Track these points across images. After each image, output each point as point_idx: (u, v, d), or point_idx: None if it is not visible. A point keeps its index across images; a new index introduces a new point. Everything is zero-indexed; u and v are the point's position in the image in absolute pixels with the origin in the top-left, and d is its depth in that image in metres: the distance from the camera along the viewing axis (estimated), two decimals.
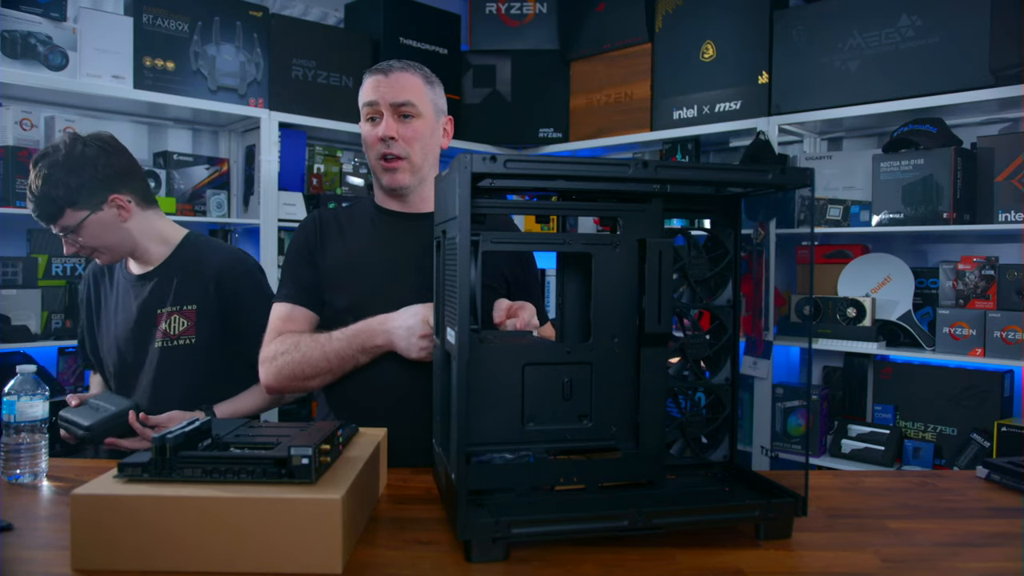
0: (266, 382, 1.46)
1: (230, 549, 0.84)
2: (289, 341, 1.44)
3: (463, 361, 0.89)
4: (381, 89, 1.48)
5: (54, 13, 2.39)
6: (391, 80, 1.48)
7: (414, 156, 1.48)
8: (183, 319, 1.69)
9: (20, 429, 1.18)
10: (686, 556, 0.92)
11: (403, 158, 1.48)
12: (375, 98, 1.48)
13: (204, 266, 1.70)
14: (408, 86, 1.48)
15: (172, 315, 1.68)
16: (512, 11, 3.40)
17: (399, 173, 1.49)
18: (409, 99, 1.47)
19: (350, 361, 1.42)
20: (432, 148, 1.52)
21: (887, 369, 2.61)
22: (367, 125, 1.50)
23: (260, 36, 2.73)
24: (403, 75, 1.49)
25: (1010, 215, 2.26)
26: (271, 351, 1.46)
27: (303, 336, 1.45)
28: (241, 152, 2.90)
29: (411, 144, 1.48)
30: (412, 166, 1.49)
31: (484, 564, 0.88)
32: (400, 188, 1.51)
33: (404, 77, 1.49)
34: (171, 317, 1.68)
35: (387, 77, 1.48)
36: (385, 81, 1.48)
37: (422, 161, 1.50)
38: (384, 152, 1.47)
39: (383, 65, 1.50)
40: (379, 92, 1.48)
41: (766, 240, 2.64)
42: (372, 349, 1.41)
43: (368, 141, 1.50)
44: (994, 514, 1.12)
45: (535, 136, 3.39)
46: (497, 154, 0.89)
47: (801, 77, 2.62)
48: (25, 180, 2.26)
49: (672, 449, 1.10)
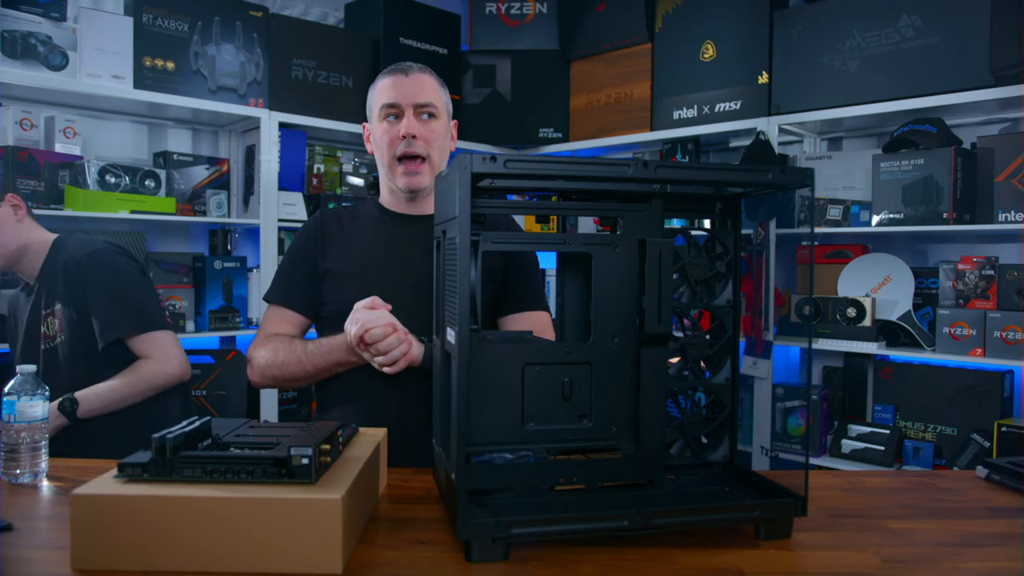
0: (252, 380, 1.53)
1: (230, 549, 0.84)
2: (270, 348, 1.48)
3: (463, 361, 0.89)
4: (403, 89, 1.48)
5: (54, 13, 2.39)
6: (412, 80, 1.48)
7: (434, 156, 1.49)
8: (55, 319, 1.72)
9: (20, 429, 1.18)
10: (686, 556, 0.92)
11: (424, 158, 1.48)
12: (396, 98, 1.48)
13: (58, 264, 1.73)
14: (428, 87, 1.50)
15: (48, 317, 1.73)
16: (512, 11, 3.40)
17: (420, 176, 1.48)
18: (431, 99, 1.48)
19: (330, 372, 1.46)
20: (447, 150, 1.53)
21: (887, 369, 2.61)
22: (384, 125, 1.50)
23: (260, 36, 2.73)
24: (423, 76, 1.50)
25: (1010, 215, 2.25)
26: (258, 356, 1.50)
27: (287, 345, 1.47)
28: (241, 152, 2.90)
29: (431, 144, 1.48)
30: (432, 167, 1.50)
31: (484, 564, 0.88)
32: (420, 189, 1.51)
33: (424, 78, 1.50)
34: (47, 320, 1.73)
35: (408, 77, 1.49)
36: (407, 81, 1.48)
37: (440, 162, 1.51)
38: (405, 151, 1.47)
39: (402, 65, 1.51)
40: (401, 92, 1.48)
41: (766, 240, 2.64)
42: (347, 364, 1.43)
43: (385, 140, 1.49)
44: (994, 514, 1.12)
45: (535, 136, 3.39)
46: (497, 154, 0.89)
47: (801, 77, 2.62)
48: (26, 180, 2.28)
49: (672, 449, 1.10)
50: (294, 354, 1.45)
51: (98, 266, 1.72)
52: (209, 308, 2.68)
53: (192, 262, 2.73)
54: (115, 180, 2.47)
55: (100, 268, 1.72)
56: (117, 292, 1.70)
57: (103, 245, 1.76)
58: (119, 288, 1.72)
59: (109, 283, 1.70)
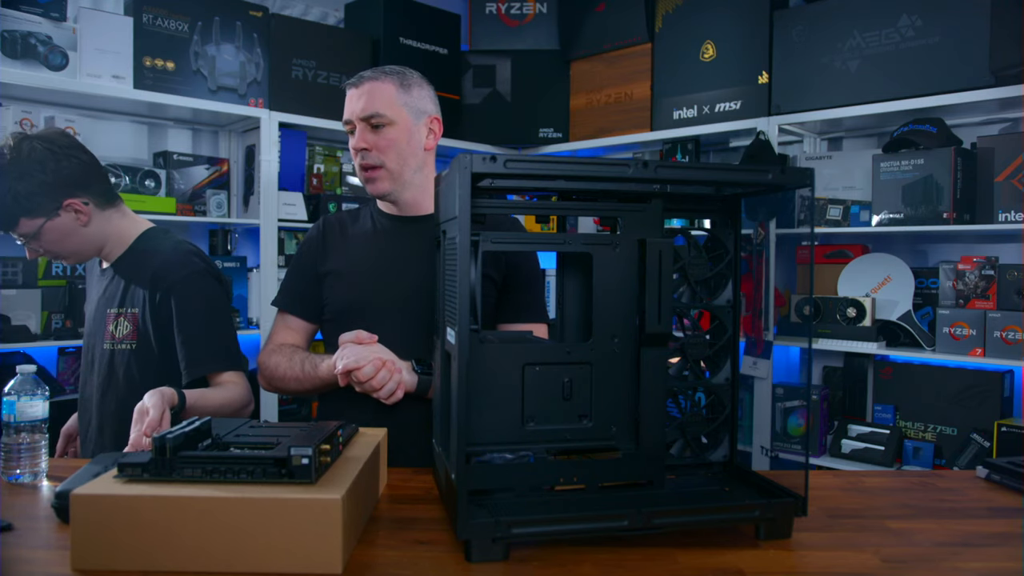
0: (261, 385, 1.57)
1: (230, 549, 0.84)
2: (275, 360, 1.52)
3: (463, 361, 0.89)
4: (352, 103, 1.51)
5: (54, 13, 2.39)
6: (360, 92, 1.50)
7: (389, 163, 1.50)
8: (127, 323, 1.60)
9: (20, 429, 1.18)
10: (686, 556, 0.92)
11: (379, 166, 1.50)
12: (347, 114, 1.52)
13: (144, 268, 1.60)
14: (377, 96, 1.49)
15: (119, 317, 1.60)
16: (512, 11, 3.40)
17: (378, 182, 1.51)
18: (376, 110, 1.48)
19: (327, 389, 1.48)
20: (412, 152, 1.52)
21: (887, 369, 2.61)
22: (350, 139, 1.53)
23: (260, 36, 2.73)
24: (374, 85, 1.50)
25: (1010, 215, 2.25)
26: (265, 366, 1.54)
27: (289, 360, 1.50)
28: (241, 152, 2.90)
29: (385, 152, 1.49)
30: (390, 173, 1.51)
31: (484, 564, 0.88)
32: (382, 195, 1.54)
33: (375, 87, 1.49)
34: (117, 319, 1.60)
35: (358, 89, 1.51)
36: (356, 94, 1.51)
37: (400, 167, 1.51)
38: (361, 163, 1.51)
39: (356, 78, 1.53)
40: (350, 107, 1.51)
41: (766, 240, 2.64)
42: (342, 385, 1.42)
43: (352, 153, 1.53)
44: (994, 514, 1.12)
45: (535, 136, 3.39)
46: (497, 154, 0.89)
47: (801, 77, 2.62)
48: None
49: (672, 449, 1.10)
50: (293, 371, 1.49)
51: (195, 295, 1.58)
52: None
53: None
54: (115, 180, 2.47)
55: (196, 297, 1.58)
56: (210, 326, 1.57)
57: (200, 267, 1.62)
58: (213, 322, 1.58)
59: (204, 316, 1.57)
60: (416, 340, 1.42)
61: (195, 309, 1.57)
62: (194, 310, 1.56)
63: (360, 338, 1.36)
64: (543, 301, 1.61)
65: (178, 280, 1.57)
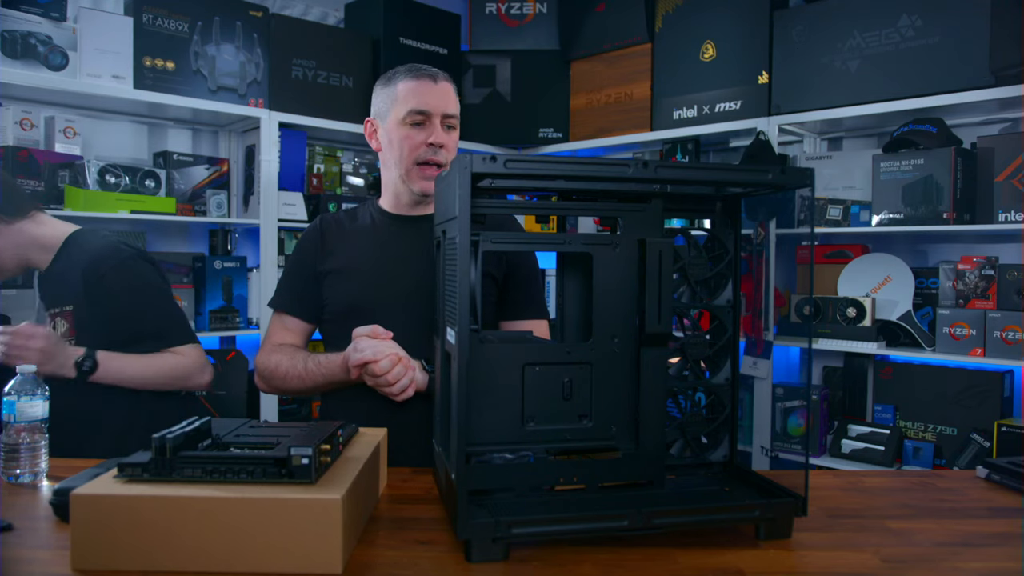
0: (259, 387, 1.57)
1: (230, 549, 0.84)
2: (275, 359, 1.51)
3: (463, 361, 0.89)
4: (434, 97, 1.48)
5: (54, 13, 2.39)
6: (441, 89, 1.49)
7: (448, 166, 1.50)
8: (63, 321, 1.65)
9: (20, 429, 1.18)
10: (686, 556, 0.92)
11: (444, 166, 1.49)
12: (427, 106, 1.47)
13: (74, 264, 1.63)
14: (452, 97, 1.51)
15: (55, 317, 1.65)
16: (512, 11, 3.40)
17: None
18: (456, 111, 1.51)
19: (330, 388, 1.48)
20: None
21: (887, 369, 2.61)
22: (407, 129, 1.48)
23: (260, 36, 2.73)
24: (449, 86, 1.52)
25: (1010, 215, 2.25)
26: (263, 366, 1.53)
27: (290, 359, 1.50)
28: (241, 152, 2.90)
29: (451, 154, 1.51)
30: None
31: (484, 564, 0.88)
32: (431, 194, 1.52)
33: (449, 89, 1.52)
34: (55, 319, 1.65)
35: (437, 85, 1.49)
36: (436, 89, 1.49)
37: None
38: (431, 158, 1.48)
39: (430, 71, 1.51)
40: (432, 100, 1.48)
41: (766, 240, 2.64)
42: (348, 383, 1.43)
43: (407, 145, 1.48)
44: (994, 514, 1.12)
45: (535, 136, 3.39)
46: (497, 154, 0.89)
47: (801, 77, 2.62)
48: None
49: (672, 449, 1.10)
50: (295, 369, 1.48)
51: (130, 278, 1.63)
52: (209, 308, 2.68)
53: (192, 262, 2.72)
54: (115, 180, 2.47)
55: (131, 279, 1.63)
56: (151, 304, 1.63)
57: (128, 253, 1.67)
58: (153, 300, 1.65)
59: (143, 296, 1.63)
60: (418, 338, 1.42)
61: (133, 289, 1.62)
62: (132, 291, 1.62)
63: (376, 332, 1.35)
64: (543, 298, 1.62)
65: (110, 268, 1.62)
